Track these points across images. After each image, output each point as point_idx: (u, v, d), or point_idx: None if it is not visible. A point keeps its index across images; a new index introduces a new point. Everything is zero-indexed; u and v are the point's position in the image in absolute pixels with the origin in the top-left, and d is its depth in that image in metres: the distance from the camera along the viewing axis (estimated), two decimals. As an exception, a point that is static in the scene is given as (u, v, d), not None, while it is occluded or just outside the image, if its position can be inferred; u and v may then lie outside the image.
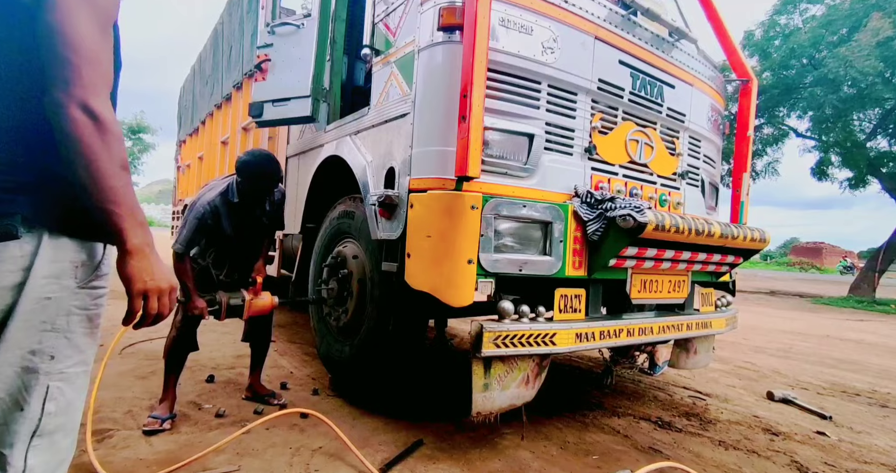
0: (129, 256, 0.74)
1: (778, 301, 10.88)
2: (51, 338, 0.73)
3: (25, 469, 0.70)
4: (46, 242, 0.73)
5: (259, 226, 2.25)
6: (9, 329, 0.69)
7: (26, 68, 0.72)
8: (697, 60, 2.62)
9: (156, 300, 0.77)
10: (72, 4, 0.69)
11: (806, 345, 5.04)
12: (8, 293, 0.69)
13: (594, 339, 1.91)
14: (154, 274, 0.76)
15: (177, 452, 1.74)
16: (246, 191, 2.09)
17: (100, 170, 0.70)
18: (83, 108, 0.69)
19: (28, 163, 0.73)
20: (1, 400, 0.69)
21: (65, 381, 0.75)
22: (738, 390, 3.11)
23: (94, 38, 0.71)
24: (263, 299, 2.18)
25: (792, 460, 2.03)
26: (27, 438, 0.71)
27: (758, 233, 2.28)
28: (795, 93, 11.14)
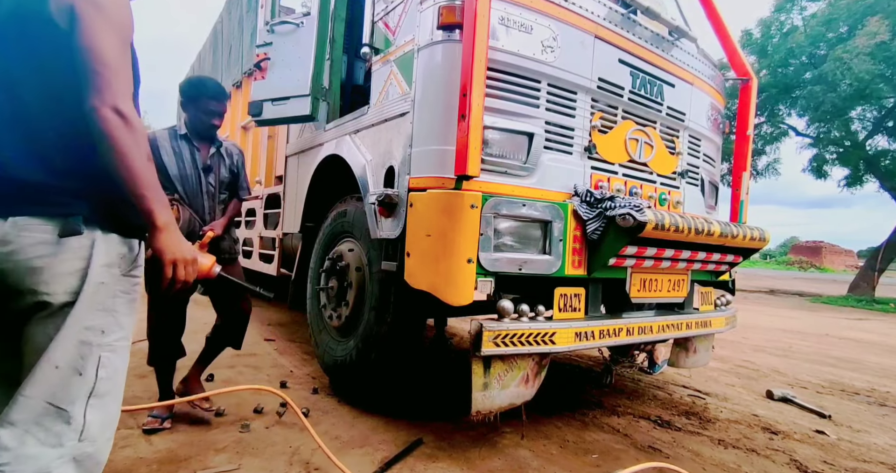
0: (158, 232, 0.91)
1: (777, 300, 10.89)
2: (102, 316, 0.89)
3: (84, 423, 0.85)
4: (100, 237, 0.90)
5: (218, 178, 2.11)
6: (75, 308, 0.85)
7: (71, 88, 0.86)
8: (697, 59, 2.62)
9: (182, 268, 0.95)
10: (98, 28, 0.85)
11: (805, 344, 5.05)
12: (74, 277, 0.86)
13: (594, 338, 1.91)
14: (180, 247, 0.94)
15: (177, 450, 1.74)
16: (191, 118, 2.02)
17: (131, 161, 0.86)
18: (114, 110, 0.85)
19: (82, 171, 0.89)
20: (64, 367, 0.84)
21: (112, 352, 0.91)
22: (737, 389, 3.12)
23: (117, 54, 0.87)
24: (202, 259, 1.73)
25: (791, 459, 2.04)
26: (85, 398, 0.86)
27: (757, 232, 2.28)
28: (794, 91, 11.14)
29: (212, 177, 2.09)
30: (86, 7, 0.85)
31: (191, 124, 2.05)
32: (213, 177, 2.10)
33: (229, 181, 2.17)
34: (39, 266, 0.84)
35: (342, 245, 2.52)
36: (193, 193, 2.05)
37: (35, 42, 0.87)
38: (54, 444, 0.82)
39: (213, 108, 2.01)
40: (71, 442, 0.84)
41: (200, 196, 2.06)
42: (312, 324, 2.71)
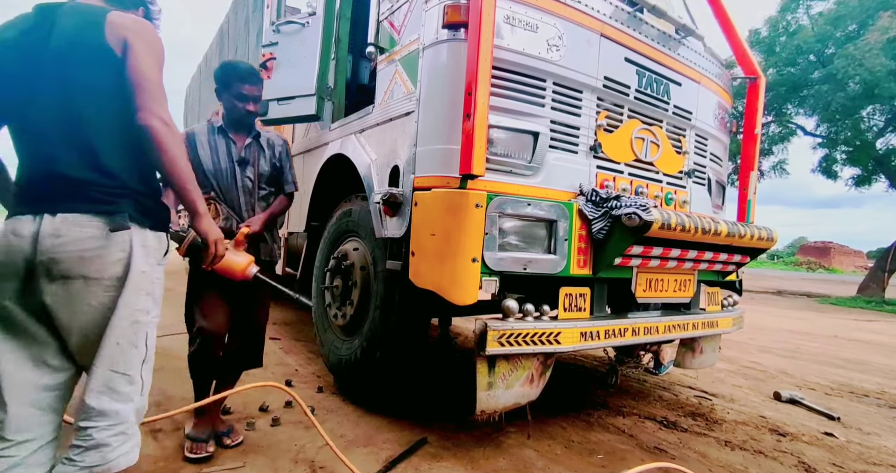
0: (201, 217, 1.23)
1: (785, 301, 10.79)
2: (146, 299, 1.09)
3: (142, 383, 1.10)
4: (138, 232, 1.07)
5: (256, 171, 1.91)
6: (124, 293, 1.04)
7: (118, 103, 1.06)
8: (704, 58, 2.59)
9: (220, 247, 1.31)
10: (146, 57, 1.08)
11: (813, 345, 5.00)
12: (119, 266, 1.04)
13: (599, 338, 1.90)
14: (216, 230, 1.30)
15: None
16: (226, 107, 1.87)
17: (175, 159, 1.08)
18: (160, 120, 1.06)
19: (127, 176, 1.08)
20: (123, 343, 1.05)
21: (152, 328, 1.13)
22: (744, 390, 3.09)
23: (158, 76, 1.10)
24: (237, 257, 1.66)
25: (799, 461, 2.02)
26: (140, 364, 1.09)
27: (765, 232, 2.26)
28: (802, 90, 11.03)
29: (249, 171, 1.90)
30: (137, 40, 1.08)
31: (227, 114, 1.90)
32: (250, 170, 1.91)
33: (271, 175, 1.97)
34: (90, 256, 1.01)
35: (347, 244, 2.53)
36: (227, 188, 1.88)
37: (91, 65, 1.06)
38: (125, 400, 1.05)
39: (245, 92, 1.84)
40: (136, 397, 1.08)
41: (235, 191, 1.89)
42: (317, 323, 2.72)
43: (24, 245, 0.99)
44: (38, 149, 1.07)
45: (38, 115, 1.06)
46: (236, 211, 1.90)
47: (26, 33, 1.08)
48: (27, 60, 1.06)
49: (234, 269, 1.64)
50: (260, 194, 1.95)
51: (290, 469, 1.67)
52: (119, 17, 1.09)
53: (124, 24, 1.08)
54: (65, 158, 1.03)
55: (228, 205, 1.89)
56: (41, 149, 1.06)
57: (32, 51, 1.07)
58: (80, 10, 1.10)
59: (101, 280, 1.02)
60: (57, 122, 1.05)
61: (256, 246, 1.91)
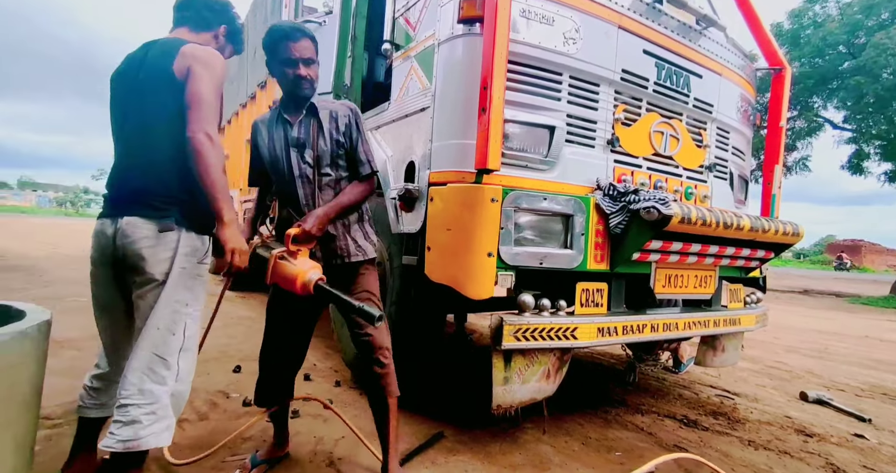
0: (223, 226, 1.23)
1: (812, 300, 10.43)
2: (185, 293, 1.26)
3: (178, 369, 1.24)
4: (184, 234, 1.27)
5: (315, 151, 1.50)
6: (166, 286, 1.23)
7: (176, 123, 1.23)
8: (726, 49, 2.53)
9: (237, 256, 1.24)
10: (204, 80, 1.24)
11: (842, 346, 4.82)
12: (166, 263, 1.23)
13: (616, 334, 1.88)
14: (237, 239, 1.25)
15: (206, 437, 1.81)
16: (279, 80, 1.51)
17: (209, 168, 1.20)
18: (205, 134, 1.20)
19: (175, 185, 1.27)
20: (163, 328, 1.22)
21: (192, 320, 1.29)
22: (768, 390, 3.01)
23: (212, 97, 1.25)
24: (293, 266, 1.36)
25: (828, 462, 1.95)
26: (177, 351, 1.24)
27: (790, 227, 2.19)
28: (831, 82, 10.63)
29: (308, 154, 1.50)
30: (197, 66, 1.25)
31: (282, 90, 1.55)
32: (309, 153, 1.50)
33: (334, 154, 1.52)
34: (146, 254, 1.22)
35: (363, 240, 2.55)
36: (285, 180, 1.52)
37: (160, 90, 1.26)
38: (161, 382, 1.20)
39: (291, 55, 1.44)
40: (171, 381, 1.22)
41: (293, 182, 1.51)
42: (334, 318, 2.75)
43: (108, 242, 1.26)
44: (119, 162, 1.33)
45: (126, 134, 1.32)
46: (295, 206, 1.52)
47: (130, 64, 1.34)
48: (127, 88, 1.32)
49: (290, 279, 1.33)
50: (323, 181, 1.52)
51: (310, 460, 1.70)
52: (189, 49, 1.29)
53: (192, 54, 1.27)
54: (132, 171, 1.29)
55: (290, 200, 1.54)
56: (121, 162, 1.33)
57: (130, 79, 1.31)
58: (164, 44, 1.33)
59: (154, 273, 1.23)
60: (134, 139, 1.30)
61: (326, 245, 1.51)
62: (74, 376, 2.35)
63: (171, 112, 1.25)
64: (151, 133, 1.28)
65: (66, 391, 2.12)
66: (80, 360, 2.60)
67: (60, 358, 2.55)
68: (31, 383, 1.04)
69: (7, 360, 0.95)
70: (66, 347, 2.81)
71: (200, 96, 1.22)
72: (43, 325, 1.07)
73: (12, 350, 0.96)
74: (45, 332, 1.09)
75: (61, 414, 1.91)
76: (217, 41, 1.48)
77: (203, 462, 1.62)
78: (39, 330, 1.05)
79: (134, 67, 1.31)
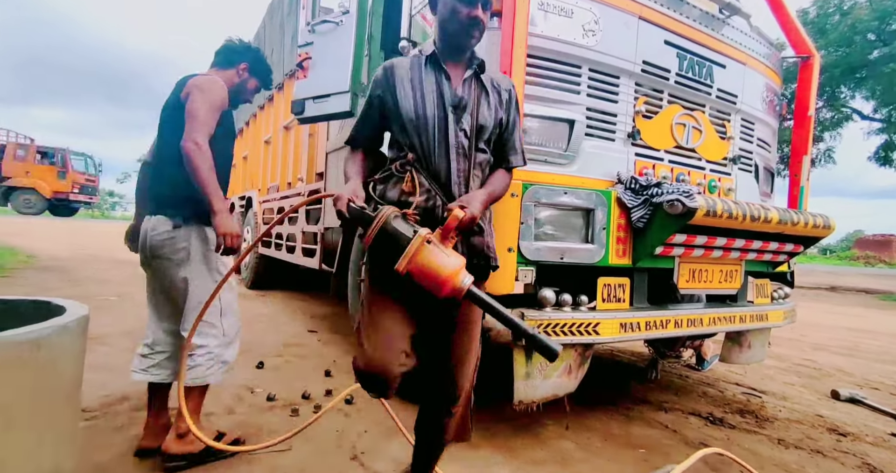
0: (214, 214, 1.50)
1: (840, 297, 10.09)
2: (210, 272, 1.63)
3: (223, 327, 1.63)
4: (194, 228, 1.60)
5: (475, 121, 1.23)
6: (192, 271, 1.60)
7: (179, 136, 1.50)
8: (751, 37, 2.46)
9: (230, 239, 1.50)
10: (197, 100, 1.54)
11: (875, 344, 4.65)
12: (184, 251, 1.58)
13: (639, 330, 1.86)
14: (228, 225, 1.50)
15: (234, 430, 1.85)
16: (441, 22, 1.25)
17: (199, 171, 1.47)
18: (193, 142, 1.48)
19: (183, 188, 1.53)
20: (203, 301, 1.53)
21: (225, 291, 1.61)
22: (797, 388, 2.92)
23: (204, 114, 1.54)
24: (444, 257, 1.06)
25: (863, 462, 1.89)
26: (219, 315, 1.62)
27: (821, 219, 2.13)
28: (860, 71, 10.23)
29: (466, 120, 1.22)
30: (195, 90, 1.57)
31: (441, 31, 1.26)
32: (467, 120, 1.22)
33: (491, 132, 1.27)
34: (165, 244, 1.57)
35: (382, 237, 2.57)
36: (433, 147, 1.21)
37: (175, 116, 1.57)
38: (209, 338, 1.60)
39: None
40: (220, 337, 1.63)
41: (445, 152, 1.21)
42: (354, 315, 2.79)
43: (143, 237, 1.63)
44: (153, 173, 1.71)
45: (157, 152, 1.69)
46: (442, 183, 1.21)
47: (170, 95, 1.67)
48: (162, 115, 1.66)
49: (439, 275, 1.03)
50: (477, 159, 1.25)
51: (334, 453, 1.73)
52: (193, 79, 1.59)
53: (193, 82, 1.58)
54: (157, 179, 1.65)
55: (432, 173, 1.21)
56: (154, 175, 1.69)
57: (162, 111, 1.67)
58: (186, 78, 1.63)
59: (172, 259, 1.58)
60: (161, 154, 1.65)
61: (466, 239, 1.22)
62: (108, 371, 2.43)
63: (177, 130, 1.53)
64: (167, 147, 1.59)
65: (100, 385, 2.20)
66: (113, 356, 2.69)
67: (94, 354, 2.65)
68: (73, 375, 1.08)
69: (50, 353, 0.99)
70: (98, 343, 2.91)
71: (192, 112, 1.52)
72: (82, 320, 1.11)
73: (55, 343, 1.00)
74: (84, 327, 1.13)
75: (97, 407, 1.97)
76: (239, 76, 1.78)
77: (239, 454, 1.66)
78: (79, 324, 1.09)
79: (168, 99, 1.66)
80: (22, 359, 0.93)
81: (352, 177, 1.26)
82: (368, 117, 1.32)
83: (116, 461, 1.56)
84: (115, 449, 1.62)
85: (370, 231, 1.08)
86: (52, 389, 1.01)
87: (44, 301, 1.23)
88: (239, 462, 1.62)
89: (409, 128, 1.23)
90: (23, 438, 0.94)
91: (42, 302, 1.23)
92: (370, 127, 1.33)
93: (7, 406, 0.90)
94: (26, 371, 0.94)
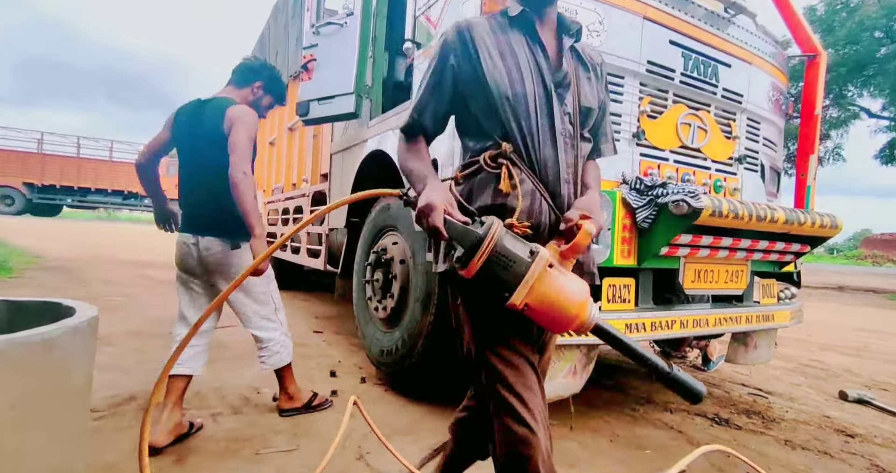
0: (254, 238, 1.71)
1: (847, 297, 10.00)
2: (260, 282, 1.91)
3: (280, 320, 2.00)
4: (244, 246, 1.83)
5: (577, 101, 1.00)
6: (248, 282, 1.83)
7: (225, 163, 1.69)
8: (756, 36, 2.45)
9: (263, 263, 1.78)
10: (238, 131, 1.72)
11: (884, 344, 4.61)
12: (237, 266, 1.82)
13: (645, 330, 1.85)
14: (263, 249, 1.70)
15: (241, 430, 1.86)
16: None
17: (245, 199, 1.67)
18: (241, 173, 1.68)
19: (231, 213, 1.71)
20: (260, 305, 1.93)
21: (274, 293, 1.99)
22: (804, 388, 2.90)
23: (245, 143, 1.73)
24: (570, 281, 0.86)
25: (872, 463, 1.88)
26: (275, 311, 1.98)
27: (828, 219, 2.11)
28: (867, 69, 10.14)
29: (568, 100, 0.99)
30: (237, 123, 1.74)
31: None
32: (569, 100, 0.99)
33: (597, 116, 1.06)
34: (222, 261, 1.81)
35: (386, 238, 2.58)
36: (536, 136, 0.96)
37: (217, 142, 1.74)
38: (271, 331, 1.95)
39: None
40: (280, 328, 1.99)
41: (552, 140, 0.96)
42: (359, 316, 2.79)
43: (193, 252, 1.81)
44: (193, 195, 1.85)
45: (196, 172, 1.83)
46: (549, 181, 0.97)
47: (191, 116, 1.83)
48: (191, 136, 1.82)
49: (566, 308, 0.82)
50: (583, 151, 1.03)
51: (340, 453, 1.73)
52: (231, 111, 1.76)
53: (233, 114, 1.75)
54: (205, 203, 1.81)
55: (536, 167, 0.96)
56: (196, 195, 1.84)
57: (194, 130, 1.81)
58: (215, 105, 1.81)
59: (229, 274, 1.83)
60: (204, 179, 1.80)
61: None
62: (115, 371, 2.46)
63: (225, 160, 1.71)
64: (212, 172, 1.74)
65: (108, 385, 2.22)
66: (120, 357, 2.72)
67: (102, 354, 2.67)
68: (83, 375, 1.09)
69: (61, 353, 1.01)
70: (105, 344, 2.93)
71: (238, 144, 1.71)
72: (92, 321, 1.12)
73: (66, 343, 1.02)
74: (94, 328, 1.14)
75: (105, 407, 1.99)
76: (254, 93, 1.95)
77: (239, 453, 1.67)
78: (89, 325, 1.10)
79: (195, 122, 1.81)
80: (33, 360, 0.94)
81: (424, 175, 0.95)
82: (439, 93, 1.01)
83: (125, 461, 1.57)
84: (124, 449, 1.64)
85: (480, 255, 0.81)
86: (62, 389, 1.02)
87: (54, 302, 1.24)
88: (246, 462, 1.63)
89: (504, 108, 0.95)
90: (34, 438, 0.95)
91: (52, 304, 1.24)
92: (440, 105, 1.02)
93: (19, 407, 0.91)
94: (38, 371, 0.96)
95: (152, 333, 3.28)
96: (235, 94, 1.89)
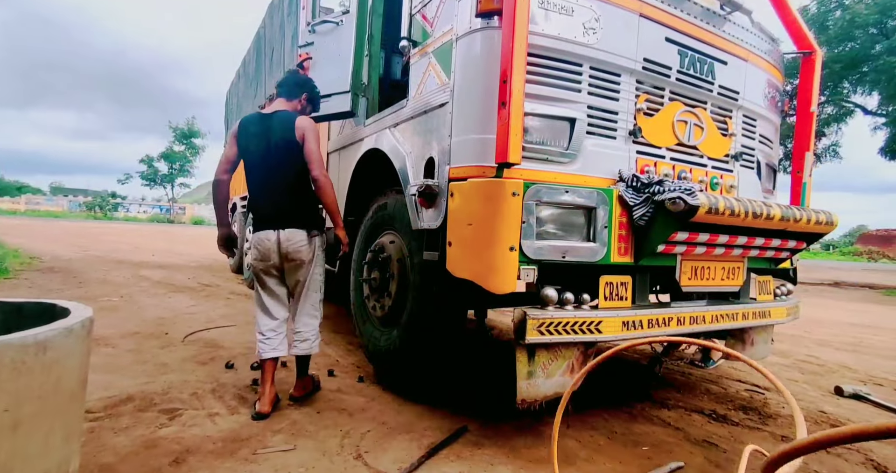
0: (338, 227, 2.23)
1: (843, 292, 10.06)
2: (321, 268, 2.24)
3: (321, 311, 2.30)
4: (317, 236, 2.17)
5: None
6: (313, 267, 2.18)
7: (304, 169, 2.10)
8: (752, 33, 2.45)
9: (346, 246, 2.26)
10: (311, 141, 2.07)
11: (879, 339, 4.64)
12: (310, 254, 2.14)
13: (642, 327, 1.86)
14: (345, 236, 2.24)
15: (239, 430, 1.86)
16: None
17: (329, 197, 2.12)
18: (323, 175, 2.09)
19: (309, 207, 2.16)
20: (315, 291, 2.23)
21: (323, 283, 2.28)
22: (800, 384, 2.92)
23: (318, 150, 2.09)
24: None
25: (867, 458, 1.89)
26: (319, 301, 2.28)
27: (824, 216, 2.12)
28: (862, 65, 10.18)
29: None
30: (308, 133, 2.07)
31: None
32: None
33: None
34: (301, 249, 2.10)
35: (383, 237, 2.57)
36: None
37: (292, 151, 2.07)
38: (314, 319, 2.25)
39: None
40: (320, 318, 2.28)
41: None
42: (356, 315, 2.79)
43: (273, 245, 2.07)
44: (269, 195, 2.11)
45: (271, 176, 2.09)
46: None
47: (261, 126, 2.11)
48: (265, 146, 2.09)
49: None
50: None
51: (338, 453, 1.73)
52: (300, 122, 2.08)
53: (302, 126, 2.07)
54: (284, 201, 2.10)
55: None
56: (271, 196, 2.11)
57: (265, 141, 2.09)
58: (282, 118, 2.10)
59: (305, 261, 2.12)
60: (278, 181, 2.09)
61: None
62: (112, 372, 2.45)
63: (299, 163, 2.07)
64: (291, 177, 2.08)
65: (104, 386, 2.21)
66: (116, 357, 2.71)
67: (97, 355, 2.66)
68: (77, 376, 1.09)
69: (55, 354, 1.00)
70: (101, 344, 2.92)
71: (315, 151, 2.06)
72: (86, 322, 1.12)
73: (60, 344, 1.01)
74: (89, 329, 1.14)
75: (101, 408, 1.99)
76: (301, 104, 2.27)
77: (237, 453, 1.67)
78: (83, 326, 1.10)
79: (265, 133, 2.08)
80: (28, 361, 0.94)
81: None
82: None
83: (121, 461, 1.57)
84: (120, 450, 1.63)
85: None
86: (57, 390, 1.01)
87: (49, 303, 1.24)
88: (244, 462, 1.62)
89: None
90: (29, 438, 0.95)
91: (47, 305, 1.24)
92: None
93: (14, 407, 0.91)
94: (32, 372, 0.95)
95: (149, 334, 3.27)
96: (288, 106, 2.20)
